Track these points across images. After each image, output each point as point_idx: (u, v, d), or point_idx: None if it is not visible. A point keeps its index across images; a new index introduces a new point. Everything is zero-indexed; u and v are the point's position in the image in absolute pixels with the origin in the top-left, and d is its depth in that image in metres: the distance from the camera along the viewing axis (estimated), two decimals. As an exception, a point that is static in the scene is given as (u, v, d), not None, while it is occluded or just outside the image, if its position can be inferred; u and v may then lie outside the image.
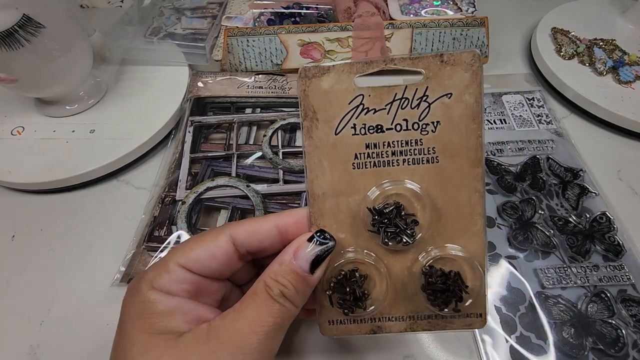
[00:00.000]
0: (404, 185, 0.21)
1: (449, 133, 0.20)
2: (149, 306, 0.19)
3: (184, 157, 0.37)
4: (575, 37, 0.47)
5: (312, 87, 0.20)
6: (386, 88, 0.20)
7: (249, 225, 0.21)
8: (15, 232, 0.35)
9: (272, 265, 0.20)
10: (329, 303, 0.21)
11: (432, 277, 0.21)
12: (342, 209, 0.21)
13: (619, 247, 0.32)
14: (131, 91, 0.43)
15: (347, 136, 0.21)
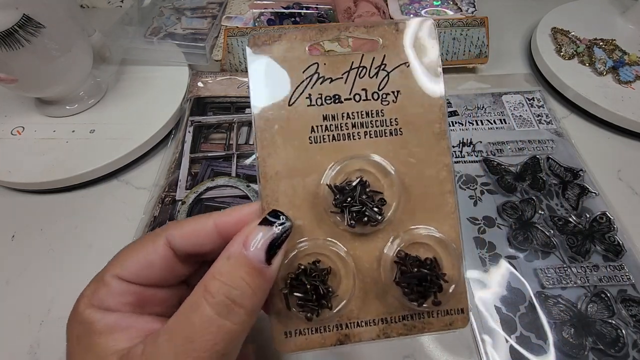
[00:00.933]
0: (369, 159, 0.19)
1: (410, 103, 0.19)
2: (88, 327, 0.17)
3: (184, 157, 0.37)
4: (575, 37, 0.47)
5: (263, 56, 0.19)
6: (342, 56, 0.19)
7: (186, 227, 0.19)
8: (15, 232, 0.35)
9: (216, 263, 0.16)
10: (285, 307, 0.18)
11: (407, 267, 0.18)
12: (298, 191, 0.19)
13: (619, 247, 0.32)
14: (131, 91, 0.43)
15: (302, 107, 0.19)
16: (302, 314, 0.18)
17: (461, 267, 0.19)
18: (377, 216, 0.18)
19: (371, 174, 0.19)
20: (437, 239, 0.19)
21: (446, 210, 0.19)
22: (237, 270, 0.16)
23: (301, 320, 0.18)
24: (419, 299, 0.18)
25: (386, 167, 0.19)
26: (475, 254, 0.33)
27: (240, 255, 0.16)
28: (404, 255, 0.18)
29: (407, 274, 0.18)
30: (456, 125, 0.42)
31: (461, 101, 0.44)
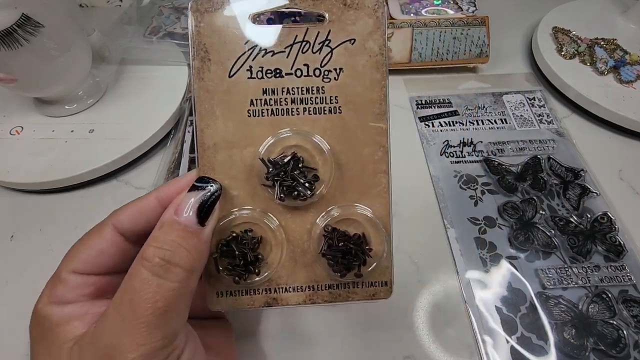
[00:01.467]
0: (305, 135, 0.19)
1: (352, 82, 0.19)
2: (47, 323, 0.18)
3: (183, 157, 0.37)
4: (577, 37, 0.47)
5: (205, 23, 0.18)
6: (286, 29, 0.19)
7: (130, 208, 0.19)
8: (14, 232, 0.35)
9: (152, 233, 0.17)
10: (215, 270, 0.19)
11: (333, 240, 0.19)
12: (235, 163, 0.19)
13: (620, 248, 0.32)
14: (130, 91, 0.42)
15: (242, 80, 0.19)
16: (229, 277, 0.19)
17: (387, 243, 0.20)
18: (307, 192, 0.18)
19: (307, 151, 0.19)
20: (367, 217, 0.20)
21: (379, 189, 0.20)
22: (169, 235, 0.16)
23: (231, 283, 0.19)
24: (342, 271, 0.19)
25: (321, 144, 0.19)
26: (476, 254, 0.32)
27: (172, 220, 0.17)
28: (331, 230, 0.19)
29: (333, 247, 0.19)
30: (457, 125, 0.42)
31: (462, 101, 0.44)
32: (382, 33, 0.19)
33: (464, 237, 0.33)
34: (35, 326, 0.18)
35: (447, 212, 0.35)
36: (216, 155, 0.19)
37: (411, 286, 0.31)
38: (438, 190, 0.37)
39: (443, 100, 0.44)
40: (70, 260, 0.19)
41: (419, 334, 0.29)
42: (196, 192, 0.17)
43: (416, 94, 0.45)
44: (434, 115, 0.43)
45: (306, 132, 0.19)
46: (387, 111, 0.19)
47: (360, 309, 0.30)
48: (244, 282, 0.19)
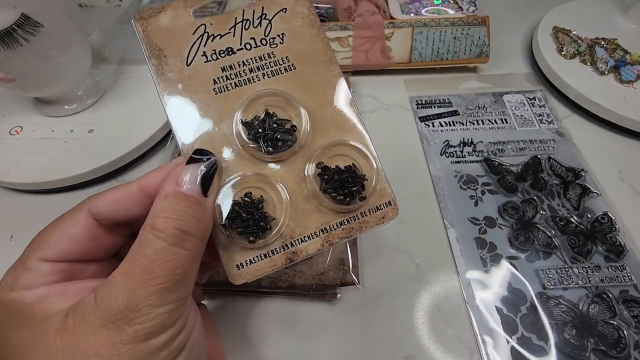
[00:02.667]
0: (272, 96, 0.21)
1: (296, 42, 0.22)
2: (14, 306, 0.17)
3: (183, 157, 0.37)
4: (577, 37, 0.47)
5: (152, 27, 0.21)
6: (225, 15, 0.21)
7: (109, 195, 0.19)
8: (14, 232, 0.35)
9: (155, 205, 0.17)
10: (228, 239, 0.19)
11: (329, 175, 0.20)
12: (217, 138, 0.20)
13: (620, 248, 0.32)
14: (130, 91, 0.42)
15: (200, 65, 0.21)
16: (244, 240, 0.19)
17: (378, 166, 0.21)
18: (291, 137, 0.20)
19: (277, 107, 0.21)
20: (351, 147, 0.21)
21: (349, 124, 0.22)
22: (177, 205, 0.17)
23: (249, 250, 0.19)
24: (346, 199, 0.20)
25: (287, 96, 0.21)
26: (476, 255, 0.32)
27: (176, 192, 0.17)
28: (324, 167, 0.21)
29: (330, 182, 0.20)
30: (457, 124, 0.42)
31: (462, 101, 0.44)
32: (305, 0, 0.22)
33: (464, 237, 0.33)
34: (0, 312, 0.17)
35: (447, 212, 0.35)
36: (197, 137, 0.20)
37: (411, 286, 0.31)
38: (438, 190, 0.37)
39: (443, 100, 0.44)
40: (38, 246, 0.18)
41: (419, 334, 0.29)
42: (197, 164, 0.18)
43: (416, 93, 0.45)
44: (434, 115, 0.43)
45: (272, 90, 0.21)
46: (334, 56, 0.22)
47: (361, 309, 0.30)
48: (260, 242, 0.19)
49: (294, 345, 0.29)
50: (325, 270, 0.30)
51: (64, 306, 0.17)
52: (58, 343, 0.16)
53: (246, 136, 0.20)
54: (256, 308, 0.30)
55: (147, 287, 0.16)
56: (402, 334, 0.29)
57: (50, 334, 0.16)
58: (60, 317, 0.16)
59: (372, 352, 0.28)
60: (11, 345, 0.16)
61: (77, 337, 0.16)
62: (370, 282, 0.31)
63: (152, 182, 0.19)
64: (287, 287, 0.29)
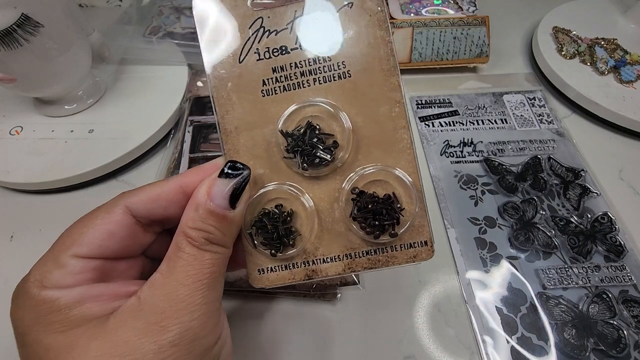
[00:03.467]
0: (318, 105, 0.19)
1: (357, 44, 0.19)
2: (48, 306, 0.17)
3: (183, 157, 0.37)
4: (577, 37, 0.47)
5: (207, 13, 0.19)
6: (284, 7, 0.19)
7: (147, 192, 0.19)
8: (14, 232, 0.35)
9: (187, 213, 0.18)
10: (252, 245, 0.19)
11: (362, 202, 0.19)
12: (257, 143, 0.20)
13: (620, 248, 0.32)
14: (130, 91, 0.42)
15: (251, 63, 0.19)
16: (266, 251, 0.19)
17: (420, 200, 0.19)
18: (327, 157, 0.19)
19: (323, 119, 0.19)
20: (394, 175, 0.19)
21: (401, 146, 0.19)
22: (206, 219, 0.18)
23: (271, 259, 0.20)
24: (375, 232, 0.19)
25: (333, 110, 0.19)
26: (476, 255, 0.32)
27: (206, 205, 0.18)
28: (359, 192, 0.19)
29: (363, 209, 0.19)
30: (457, 124, 0.42)
31: (462, 101, 0.44)
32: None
33: (464, 237, 0.33)
34: (27, 312, 0.17)
35: (447, 212, 0.35)
36: (239, 138, 0.20)
37: (411, 286, 0.31)
38: (438, 190, 0.37)
39: (443, 100, 0.44)
40: (70, 242, 0.18)
41: (419, 334, 0.29)
42: (229, 180, 0.18)
43: (416, 94, 0.45)
44: (434, 115, 0.43)
45: (319, 100, 0.19)
46: (397, 66, 0.19)
47: (361, 309, 0.30)
48: (281, 255, 0.19)
49: (294, 345, 0.29)
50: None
51: (102, 311, 0.17)
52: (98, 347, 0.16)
53: (284, 148, 0.19)
54: (256, 308, 0.30)
55: (189, 284, 0.17)
56: (402, 334, 0.29)
57: (89, 338, 0.16)
58: (99, 321, 0.16)
59: (372, 352, 0.28)
60: (45, 347, 0.16)
61: (120, 341, 0.16)
62: (370, 282, 0.31)
63: (192, 183, 0.19)
64: (287, 286, 0.29)
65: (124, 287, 0.18)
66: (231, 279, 0.30)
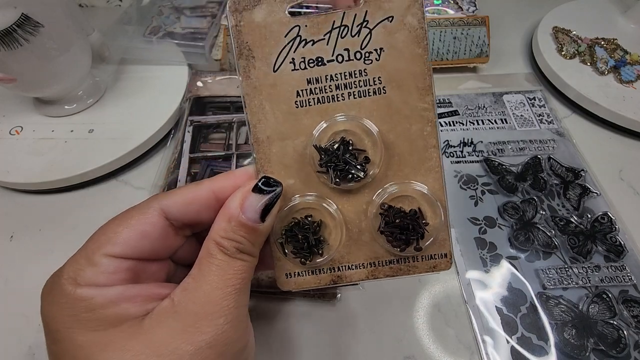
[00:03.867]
0: (352, 121, 0.20)
1: (393, 60, 0.19)
2: (84, 304, 0.17)
3: (183, 157, 0.37)
4: (577, 37, 0.47)
5: (245, 22, 0.19)
6: (323, 16, 0.19)
7: (181, 195, 0.19)
8: (14, 232, 0.35)
9: (219, 223, 0.18)
10: (282, 254, 0.20)
11: (390, 217, 0.20)
12: (288, 153, 0.20)
13: (620, 248, 0.32)
14: (130, 91, 0.42)
15: (286, 73, 0.19)
16: (297, 259, 0.20)
17: (444, 216, 0.20)
18: (360, 174, 0.19)
19: (356, 134, 0.20)
20: (421, 193, 0.20)
21: (430, 164, 0.20)
22: (237, 230, 0.18)
23: (298, 264, 0.20)
24: (401, 246, 0.20)
25: (367, 126, 0.19)
26: (476, 255, 0.32)
27: (239, 217, 0.18)
28: (387, 207, 0.20)
29: (390, 224, 0.20)
30: (457, 124, 0.42)
31: (462, 101, 0.44)
32: (420, 5, 0.19)
33: (464, 237, 0.33)
34: (59, 309, 0.17)
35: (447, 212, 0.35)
36: (270, 147, 0.20)
37: (411, 286, 0.31)
38: (438, 190, 0.37)
39: (443, 100, 0.44)
40: (105, 241, 0.18)
41: (419, 334, 0.29)
42: (262, 196, 0.18)
43: (416, 93, 0.45)
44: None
45: (353, 116, 0.20)
46: (433, 85, 0.19)
47: (361, 309, 0.30)
48: (309, 263, 0.20)
49: (293, 345, 0.29)
50: None
51: (137, 312, 0.17)
52: (135, 346, 0.16)
53: (317, 162, 0.19)
54: (256, 308, 0.30)
55: (222, 288, 0.17)
56: (402, 334, 0.29)
57: (125, 339, 0.16)
58: (135, 322, 0.17)
59: (372, 352, 0.28)
60: (79, 345, 0.16)
61: (157, 341, 0.16)
62: (370, 282, 0.31)
63: (223, 188, 0.19)
64: None
65: (156, 289, 0.18)
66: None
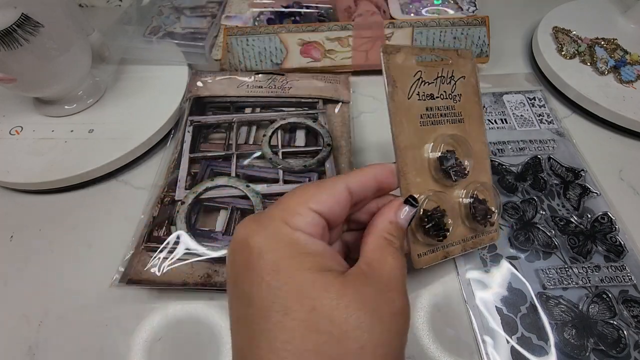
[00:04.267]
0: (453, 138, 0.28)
1: (466, 103, 0.29)
2: (301, 246, 0.19)
3: (183, 157, 0.37)
4: (577, 37, 0.47)
5: (392, 61, 0.26)
6: (432, 68, 0.28)
7: (357, 178, 0.23)
8: (14, 232, 0.35)
9: (384, 223, 0.23)
10: (415, 238, 0.26)
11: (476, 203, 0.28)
12: (417, 158, 0.26)
13: (620, 248, 0.32)
14: (130, 91, 0.42)
15: (415, 100, 0.27)
16: (433, 238, 0.26)
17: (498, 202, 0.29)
18: (466, 172, 0.28)
19: (451, 147, 0.28)
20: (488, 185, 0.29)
21: (486, 169, 0.30)
22: (397, 231, 0.23)
23: (423, 246, 0.26)
24: (485, 223, 0.28)
25: (464, 141, 0.28)
26: (476, 254, 0.32)
27: (397, 222, 0.23)
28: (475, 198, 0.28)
29: (478, 208, 0.28)
30: (457, 125, 0.42)
31: (462, 101, 0.44)
32: (476, 72, 0.30)
33: (464, 237, 0.33)
34: (278, 243, 0.19)
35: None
36: (407, 153, 0.26)
37: (411, 286, 0.31)
38: (438, 190, 0.37)
39: (443, 100, 0.44)
40: (308, 197, 0.21)
41: (419, 334, 0.29)
42: (410, 208, 0.24)
43: (416, 93, 0.45)
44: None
45: (455, 134, 0.28)
46: (483, 117, 0.30)
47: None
48: (439, 243, 0.26)
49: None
50: None
51: (337, 269, 0.20)
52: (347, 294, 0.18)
53: (441, 168, 0.26)
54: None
55: (400, 269, 0.21)
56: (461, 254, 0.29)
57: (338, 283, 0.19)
58: (339, 275, 0.19)
59: (372, 352, 0.28)
60: (298, 283, 0.18)
61: (364, 294, 0.19)
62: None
63: (384, 174, 0.24)
64: None
65: (340, 258, 0.22)
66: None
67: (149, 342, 0.29)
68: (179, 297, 0.31)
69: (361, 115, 0.44)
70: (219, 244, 0.31)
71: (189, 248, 0.31)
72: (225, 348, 0.28)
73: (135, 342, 0.29)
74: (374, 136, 0.41)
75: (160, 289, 0.30)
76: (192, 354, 0.28)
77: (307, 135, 0.39)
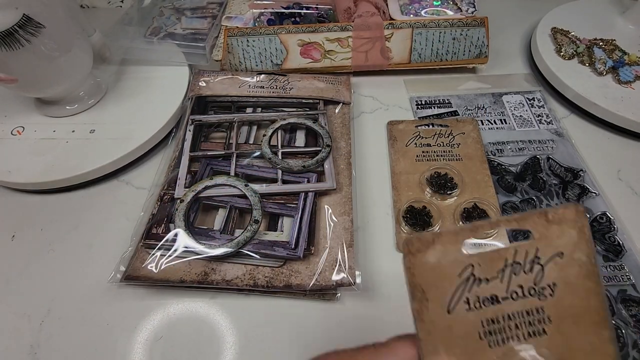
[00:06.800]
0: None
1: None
2: None
3: (183, 156, 0.37)
4: (575, 37, 0.47)
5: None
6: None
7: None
8: (16, 232, 0.35)
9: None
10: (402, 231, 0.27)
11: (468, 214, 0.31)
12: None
13: (619, 247, 0.32)
14: (131, 91, 0.43)
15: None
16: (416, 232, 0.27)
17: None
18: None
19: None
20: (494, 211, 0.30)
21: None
22: None
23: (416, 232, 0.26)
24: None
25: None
26: (475, 254, 0.32)
27: None
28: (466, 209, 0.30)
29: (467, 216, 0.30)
30: (456, 125, 0.42)
31: (461, 101, 0.44)
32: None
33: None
34: None
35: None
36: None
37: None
38: (437, 190, 0.37)
39: (443, 100, 0.44)
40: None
41: (418, 333, 0.29)
42: None
43: (416, 94, 0.45)
44: (434, 116, 0.43)
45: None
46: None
47: (360, 309, 0.30)
48: (423, 232, 0.27)
49: (293, 344, 0.29)
50: (322, 271, 0.30)
51: None
52: None
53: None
54: (257, 307, 0.30)
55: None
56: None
57: None
58: None
59: (372, 351, 0.28)
60: None
61: None
62: (369, 282, 0.31)
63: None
64: (284, 286, 0.29)
65: None
66: (229, 277, 0.30)
67: (150, 341, 0.29)
68: (179, 296, 0.31)
69: (361, 116, 0.44)
70: (216, 242, 0.31)
71: (187, 246, 0.31)
72: (226, 347, 0.29)
73: (137, 340, 0.29)
74: (376, 136, 0.42)
75: (158, 286, 0.31)
76: (193, 353, 0.28)
77: (307, 136, 0.39)
